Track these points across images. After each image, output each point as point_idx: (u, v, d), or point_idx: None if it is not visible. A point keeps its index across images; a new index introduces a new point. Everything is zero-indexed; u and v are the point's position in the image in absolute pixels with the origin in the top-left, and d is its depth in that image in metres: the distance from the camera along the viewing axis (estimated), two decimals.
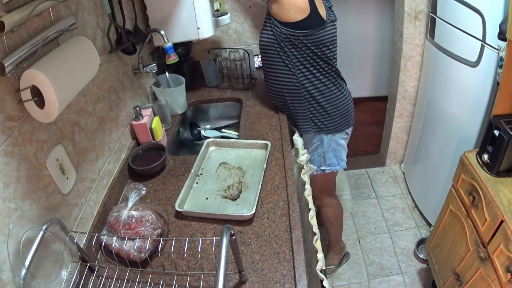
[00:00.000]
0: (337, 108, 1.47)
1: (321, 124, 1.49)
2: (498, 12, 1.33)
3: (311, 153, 1.57)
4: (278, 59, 1.42)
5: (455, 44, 1.66)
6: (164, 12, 1.54)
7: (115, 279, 0.95)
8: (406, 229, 2.17)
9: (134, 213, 1.00)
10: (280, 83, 1.48)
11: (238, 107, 1.80)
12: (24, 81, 0.75)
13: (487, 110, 1.51)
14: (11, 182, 0.76)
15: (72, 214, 0.98)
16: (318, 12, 1.32)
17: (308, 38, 1.33)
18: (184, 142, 1.73)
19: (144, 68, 1.48)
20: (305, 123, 1.51)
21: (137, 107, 1.37)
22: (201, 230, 1.09)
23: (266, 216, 1.12)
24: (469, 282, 1.31)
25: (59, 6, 0.94)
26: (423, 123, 2.10)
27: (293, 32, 1.33)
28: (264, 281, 0.93)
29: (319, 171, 1.60)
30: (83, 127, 1.07)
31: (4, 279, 0.72)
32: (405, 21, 1.98)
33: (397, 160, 2.62)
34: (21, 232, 0.75)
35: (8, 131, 0.76)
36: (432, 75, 1.92)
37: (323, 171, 1.60)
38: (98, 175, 1.15)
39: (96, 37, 1.18)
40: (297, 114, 1.52)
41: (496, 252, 1.13)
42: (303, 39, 1.33)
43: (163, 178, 1.32)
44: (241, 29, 1.97)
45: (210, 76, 1.89)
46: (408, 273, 1.93)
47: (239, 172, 1.31)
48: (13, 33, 0.76)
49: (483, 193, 1.21)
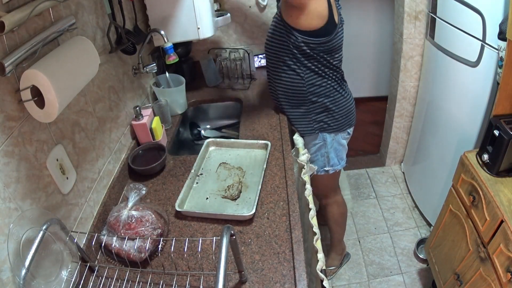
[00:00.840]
0: (341, 108, 1.47)
1: (324, 124, 1.49)
2: (498, 12, 1.33)
3: (314, 154, 1.57)
4: (287, 64, 1.40)
5: (455, 44, 1.66)
6: (164, 12, 1.54)
7: (115, 279, 0.95)
8: (406, 229, 2.17)
9: (134, 213, 1.00)
10: (286, 87, 1.46)
11: (238, 107, 1.80)
12: (24, 81, 0.75)
13: (487, 110, 1.51)
14: (11, 182, 0.76)
15: (72, 214, 0.98)
16: (333, 17, 1.30)
17: (322, 46, 1.32)
18: (184, 142, 1.73)
19: (144, 68, 1.48)
20: (309, 125, 1.51)
21: (137, 107, 1.37)
22: (201, 230, 1.09)
23: (266, 216, 1.12)
24: (469, 282, 1.31)
25: (59, 6, 0.94)
26: (423, 123, 2.10)
27: (309, 40, 1.30)
28: (264, 281, 0.93)
29: (322, 172, 1.60)
30: (83, 127, 1.07)
31: (4, 279, 0.72)
32: (405, 21, 1.98)
33: (397, 160, 2.62)
34: (21, 232, 0.75)
35: (8, 131, 0.76)
36: (432, 75, 1.92)
37: (326, 171, 1.60)
38: (98, 175, 1.15)
39: (96, 37, 1.18)
40: (300, 116, 1.51)
41: (496, 252, 1.13)
42: (317, 46, 1.32)
43: (163, 178, 1.32)
44: (241, 29, 1.97)
45: (210, 76, 1.89)
46: (408, 273, 1.93)
47: (239, 172, 1.31)
48: (13, 33, 0.76)
49: (483, 193, 1.21)
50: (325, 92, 1.43)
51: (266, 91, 1.83)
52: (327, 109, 1.46)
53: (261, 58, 2.02)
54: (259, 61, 2.03)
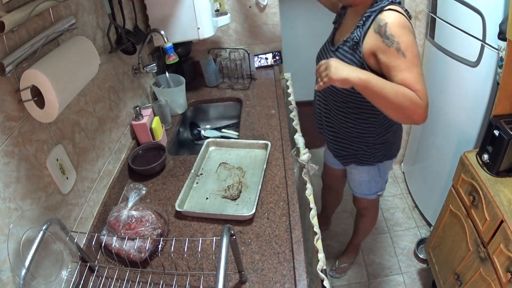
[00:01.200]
0: (398, 136, 1.42)
1: (382, 155, 1.39)
2: (498, 12, 1.33)
3: (366, 182, 1.50)
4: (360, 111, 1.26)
5: (455, 44, 1.66)
6: (164, 12, 1.54)
7: (115, 279, 0.95)
8: (406, 229, 2.17)
9: (134, 213, 1.00)
10: (358, 132, 1.32)
11: (238, 107, 1.80)
12: (24, 81, 0.75)
13: (487, 110, 1.51)
14: (11, 182, 0.76)
15: (72, 214, 0.98)
16: None
17: None
18: (184, 142, 1.73)
19: (144, 68, 1.48)
20: (367, 157, 1.39)
21: (137, 107, 1.37)
22: (201, 230, 1.09)
23: (266, 216, 1.12)
24: (469, 282, 1.31)
25: (59, 6, 0.94)
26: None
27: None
28: (264, 281, 0.93)
29: (374, 196, 1.55)
30: (83, 127, 1.07)
31: (4, 279, 0.72)
32: None
33: (397, 160, 2.62)
34: (21, 232, 0.75)
35: (8, 131, 0.76)
36: (432, 75, 1.92)
37: (379, 195, 1.57)
38: (98, 175, 1.15)
39: (96, 37, 1.18)
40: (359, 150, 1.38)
41: (496, 252, 1.13)
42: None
43: (163, 178, 1.32)
44: (241, 29, 1.97)
45: (210, 76, 1.89)
46: (408, 273, 1.93)
47: (239, 172, 1.31)
48: (13, 33, 0.76)
49: (483, 193, 1.21)
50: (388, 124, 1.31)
51: (266, 91, 1.83)
52: (387, 140, 1.36)
53: (261, 58, 2.02)
54: (259, 61, 2.03)
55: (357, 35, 1.09)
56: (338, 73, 0.99)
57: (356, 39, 1.09)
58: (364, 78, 0.99)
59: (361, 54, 1.09)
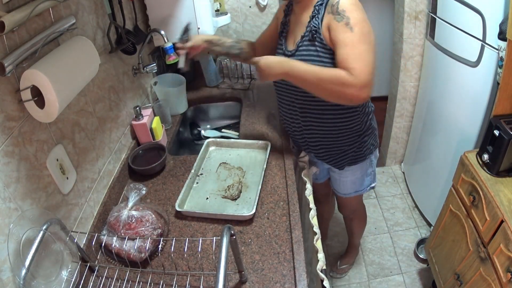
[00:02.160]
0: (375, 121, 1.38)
1: (370, 145, 1.35)
2: (498, 12, 1.33)
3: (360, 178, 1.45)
4: None
5: (455, 44, 1.66)
6: (164, 12, 1.54)
7: (115, 279, 0.95)
8: (406, 229, 2.17)
9: (134, 213, 1.00)
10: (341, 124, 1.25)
11: (238, 107, 1.80)
12: (24, 81, 0.75)
13: (487, 110, 1.51)
14: (11, 182, 0.76)
15: (72, 214, 0.98)
16: None
17: None
18: (184, 142, 1.73)
19: (144, 68, 1.48)
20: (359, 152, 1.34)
21: (137, 107, 1.37)
22: (201, 230, 1.09)
23: (266, 216, 1.12)
24: (469, 282, 1.31)
25: (59, 6, 0.94)
26: (423, 123, 2.10)
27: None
28: (264, 281, 0.93)
29: (368, 189, 1.53)
30: (83, 127, 1.07)
31: (4, 279, 0.72)
32: (405, 21, 1.98)
33: (397, 160, 2.62)
34: (21, 232, 0.75)
35: (8, 131, 0.76)
36: (432, 75, 1.92)
37: (372, 188, 1.54)
38: (98, 175, 1.15)
39: (96, 37, 1.18)
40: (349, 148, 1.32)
41: (496, 252, 1.13)
42: None
43: (163, 178, 1.32)
44: (241, 29, 1.97)
45: (210, 76, 1.89)
46: (408, 273, 1.93)
47: (239, 172, 1.31)
48: (13, 33, 0.76)
49: (483, 193, 1.21)
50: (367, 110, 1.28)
51: (266, 91, 1.83)
52: (371, 127, 1.33)
53: None
54: None
55: (315, 24, 1.08)
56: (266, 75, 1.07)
57: (315, 27, 1.08)
58: (287, 67, 1.03)
59: (323, 41, 1.07)
